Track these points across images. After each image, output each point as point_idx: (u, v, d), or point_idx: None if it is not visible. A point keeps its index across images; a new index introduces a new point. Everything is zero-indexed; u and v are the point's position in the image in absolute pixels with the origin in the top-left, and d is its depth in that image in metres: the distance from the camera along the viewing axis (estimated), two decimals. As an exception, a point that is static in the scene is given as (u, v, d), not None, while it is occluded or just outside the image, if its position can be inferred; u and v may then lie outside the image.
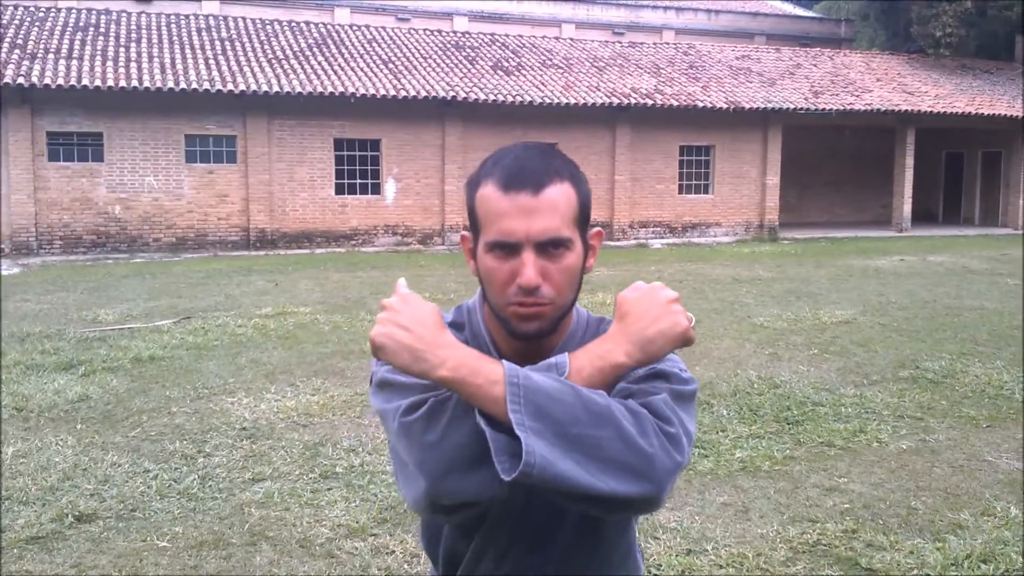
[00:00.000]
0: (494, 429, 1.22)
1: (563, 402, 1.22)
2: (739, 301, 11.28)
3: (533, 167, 1.34)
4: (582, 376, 1.29)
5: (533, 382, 1.22)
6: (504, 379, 1.22)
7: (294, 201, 19.72)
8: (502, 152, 1.39)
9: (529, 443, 1.18)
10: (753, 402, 6.29)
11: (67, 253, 18.09)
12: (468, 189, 1.41)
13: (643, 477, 1.22)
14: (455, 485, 1.26)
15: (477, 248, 1.38)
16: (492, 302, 1.38)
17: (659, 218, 22.62)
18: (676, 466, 1.25)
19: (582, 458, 1.20)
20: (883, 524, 4.19)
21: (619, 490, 1.21)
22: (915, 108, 23.48)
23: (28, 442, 5.39)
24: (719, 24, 33.92)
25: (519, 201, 1.31)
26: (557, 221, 1.33)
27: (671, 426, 1.27)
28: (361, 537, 4.05)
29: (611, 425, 1.22)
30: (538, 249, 1.32)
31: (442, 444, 1.26)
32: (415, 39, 23.66)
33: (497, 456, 1.21)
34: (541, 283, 1.32)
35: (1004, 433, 5.64)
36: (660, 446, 1.24)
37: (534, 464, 1.18)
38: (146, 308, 10.74)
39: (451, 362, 1.24)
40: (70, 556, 3.86)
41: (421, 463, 1.27)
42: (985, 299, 11.40)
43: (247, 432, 5.63)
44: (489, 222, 1.34)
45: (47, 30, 19.80)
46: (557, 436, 1.20)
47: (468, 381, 1.23)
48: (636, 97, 21.52)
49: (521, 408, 1.20)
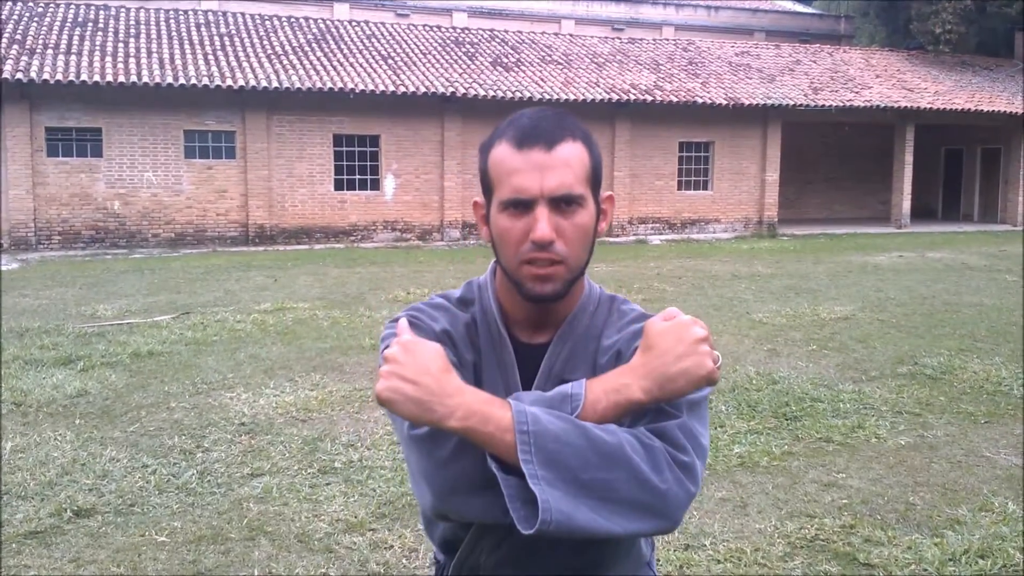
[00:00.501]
0: (506, 473, 1.22)
1: (573, 445, 1.21)
2: (738, 297, 11.28)
3: (546, 125, 1.35)
4: (596, 409, 1.27)
5: (542, 427, 1.21)
6: (514, 427, 1.21)
7: (293, 197, 19.71)
8: (515, 115, 1.40)
9: (545, 497, 1.18)
10: (752, 398, 6.30)
11: (66, 248, 18.08)
12: (481, 153, 1.41)
13: (658, 514, 1.23)
14: (460, 506, 1.27)
15: (490, 211, 1.38)
16: (505, 263, 1.37)
17: (658, 214, 22.62)
18: (690, 496, 1.25)
19: (596, 503, 1.20)
20: (881, 519, 4.19)
21: (633, 529, 1.23)
22: (914, 105, 23.48)
23: (27, 437, 5.39)
24: (719, 20, 33.88)
25: (532, 157, 1.32)
26: (571, 177, 1.33)
27: (686, 455, 1.26)
28: (359, 532, 4.05)
29: (623, 466, 1.22)
30: (552, 205, 1.32)
31: (450, 466, 1.26)
32: (414, 35, 23.63)
33: (512, 503, 1.21)
34: (555, 238, 1.32)
35: (1002, 429, 5.65)
36: (674, 479, 1.24)
37: (551, 520, 1.18)
38: (145, 303, 10.74)
39: (460, 411, 1.23)
40: (69, 551, 3.86)
41: (428, 480, 1.28)
42: (984, 295, 11.41)
43: (246, 427, 5.63)
44: (503, 180, 1.34)
45: (46, 25, 19.77)
46: (569, 483, 1.20)
47: (479, 430, 1.22)
48: (635, 93, 21.51)
49: (533, 458, 1.20)
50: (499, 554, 1.42)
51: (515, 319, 1.42)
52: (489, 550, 1.42)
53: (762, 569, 3.69)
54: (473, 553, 1.43)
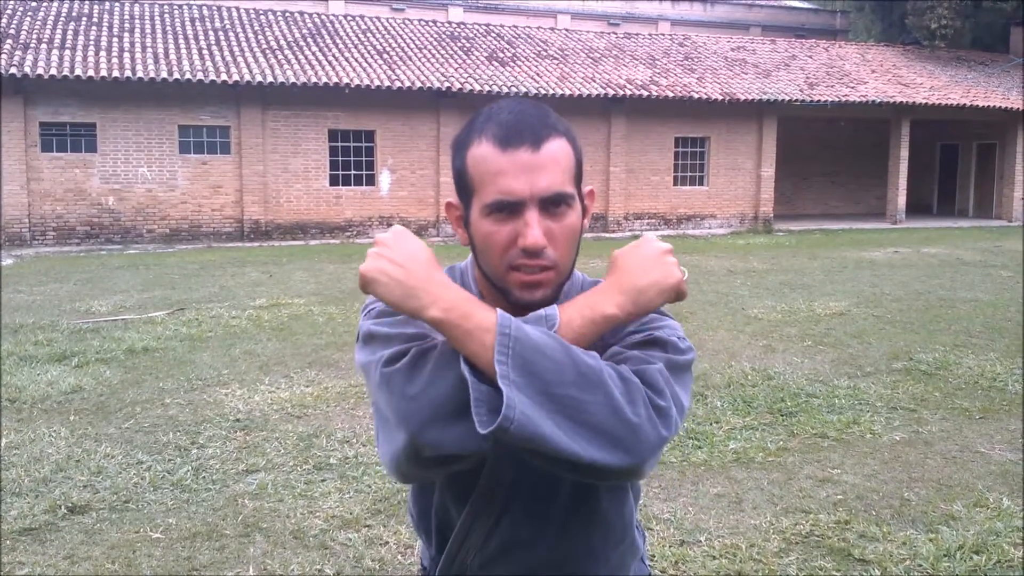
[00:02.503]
0: (478, 380, 1.17)
1: (553, 359, 1.16)
2: (733, 293, 11.29)
3: (530, 121, 1.28)
4: (572, 327, 1.24)
5: (525, 334, 1.17)
6: (496, 327, 1.17)
7: (288, 192, 19.67)
8: (492, 109, 1.32)
9: (511, 397, 1.12)
10: (747, 393, 6.30)
11: (60, 244, 18.03)
12: (456, 151, 1.33)
13: (625, 448, 1.17)
14: (436, 436, 1.19)
15: (470, 214, 1.32)
16: (490, 270, 1.32)
17: (654, 210, 22.61)
18: (661, 440, 1.20)
19: (564, 420, 1.15)
20: (876, 515, 4.20)
21: (598, 458, 1.16)
22: (910, 100, 23.49)
23: (21, 433, 5.37)
24: (715, 15, 33.87)
25: (519, 158, 1.25)
26: (560, 177, 1.27)
27: (662, 398, 1.21)
28: (355, 528, 4.05)
29: (600, 389, 1.17)
30: (541, 207, 1.26)
31: (424, 394, 1.20)
32: (410, 29, 23.58)
33: (476, 407, 1.15)
34: (547, 244, 1.26)
35: (997, 424, 5.66)
36: (648, 417, 1.19)
37: (512, 419, 1.12)
38: (140, 299, 10.72)
39: (443, 302, 1.19)
40: (63, 547, 3.85)
41: (402, 413, 1.21)
42: (979, 291, 11.43)
43: (241, 423, 5.62)
44: (486, 182, 1.27)
45: (40, 20, 19.69)
46: (541, 394, 1.15)
47: (459, 324, 1.18)
48: (631, 88, 21.49)
49: (508, 360, 1.15)
50: (488, 549, 1.39)
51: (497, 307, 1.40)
52: (478, 547, 1.39)
53: (757, 565, 3.70)
54: (462, 550, 1.40)
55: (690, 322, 9.06)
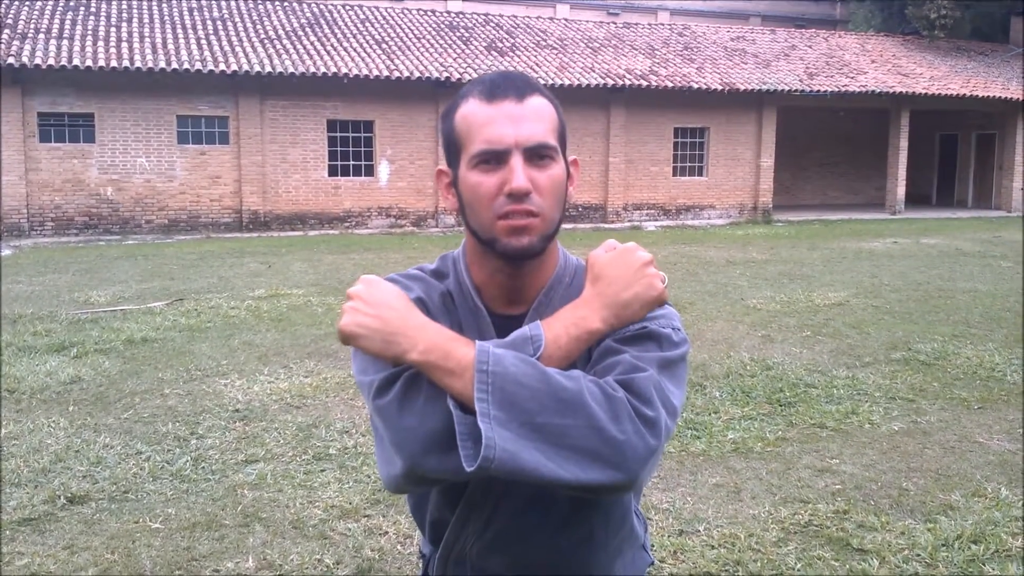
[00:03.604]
0: (463, 413, 1.20)
1: (532, 388, 1.19)
2: (732, 283, 11.29)
3: (514, 78, 1.35)
4: (559, 346, 1.27)
5: (503, 368, 1.20)
6: (474, 365, 1.20)
7: (287, 183, 19.64)
8: (477, 78, 1.39)
9: (490, 435, 1.16)
10: (746, 384, 6.31)
11: (59, 235, 18.01)
12: (445, 119, 1.39)
13: (614, 465, 1.19)
14: (434, 465, 1.24)
15: (459, 173, 1.36)
16: (478, 223, 1.34)
17: (653, 200, 22.59)
18: (650, 451, 1.21)
19: (548, 448, 1.18)
20: (874, 505, 4.20)
21: (585, 479, 1.19)
22: (910, 90, 23.45)
23: (20, 424, 5.37)
24: (714, 5, 33.78)
25: (504, 108, 1.31)
26: (542, 128, 1.32)
27: (650, 408, 1.22)
28: (354, 518, 4.05)
29: (580, 412, 1.19)
30: (526, 156, 1.31)
31: (419, 427, 1.24)
32: (409, 19, 23.51)
33: (462, 442, 1.19)
34: (531, 188, 1.30)
35: (995, 415, 5.67)
36: (634, 431, 1.20)
37: (493, 458, 1.16)
38: (138, 290, 10.71)
39: (422, 344, 1.23)
40: (62, 538, 3.85)
41: (398, 444, 1.25)
42: (978, 281, 11.43)
43: (240, 414, 5.62)
44: (473, 134, 1.32)
45: (37, 9, 19.63)
46: (523, 425, 1.18)
47: (439, 364, 1.22)
48: (631, 78, 21.44)
49: (488, 397, 1.18)
50: (485, 539, 1.40)
51: (489, 293, 1.40)
52: (476, 535, 1.41)
53: (756, 554, 3.70)
54: (459, 540, 1.42)
55: (689, 312, 9.06)
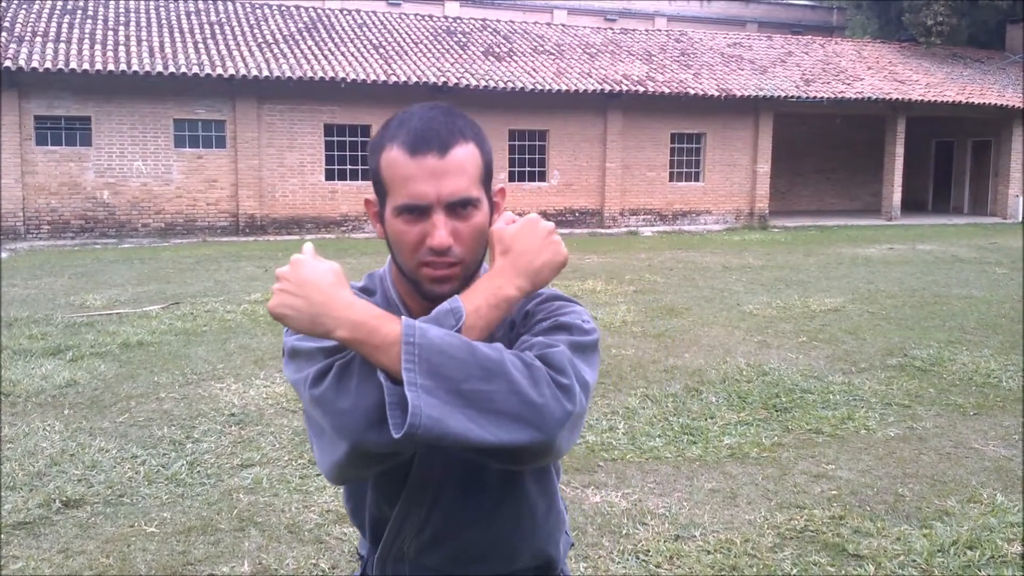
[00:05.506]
0: (393, 384, 1.24)
1: (457, 358, 1.23)
2: (729, 289, 11.30)
3: (438, 128, 1.36)
4: (480, 315, 1.32)
5: (428, 340, 1.24)
6: (401, 338, 1.24)
7: (284, 187, 19.63)
8: (404, 115, 1.40)
9: (416, 402, 1.20)
10: (742, 389, 6.31)
11: (55, 238, 17.98)
12: (371, 153, 1.41)
13: (535, 426, 1.24)
14: (375, 440, 1.26)
15: (385, 212, 1.39)
16: (403, 265, 1.40)
17: (649, 206, 22.61)
18: (567, 415, 1.26)
19: (473, 412, 1.22)
20: (870, 511, 4.21)
21: (507, 439, 1.23)
22: (906, 97, 23.51)
23: (15, 427, 5.36)
24: (711, 11, 33.86)
25: (426, 164, 1.33)
26: (465, 181, 1.35)
27: (565, 377, 1.28)
28: (350, 523, 4.04)
29: (502, 378, 1.24)
30: (448, 210, 1.34)
31: (356, 407, 1.27)
32: (406, 24, 23.53)
33: (391, 411, 1.22)
34: (452, 244, 1.35)
35: (991, 421, 5.67)
36: (552, 396, 1.26)
37: (419, 424, 1.19)
38: (134, 293, 10.69)
39: (348, 322, 1.26)
40: (57, 541, 3.84)
41: (338, 426, 1.28)
42: (973, 287, 11.45)
43: (236, 418, 5.61)
44: (397, 186, 1.35)
45: (35, 12, 19.61)
46: (449, 392, 1.22)
47: (366, 340, 1.25)
48: (628, 84, 21.47)
49: (415, 367, 1.22)
50: (424, 536, 1.47)
51: (415, 309, 1.44)
52: (415, 532, 1.47)
53: (752, 560, 3.70)
54: (399, 537, 1.48)
55: (685, 318, 9.07)
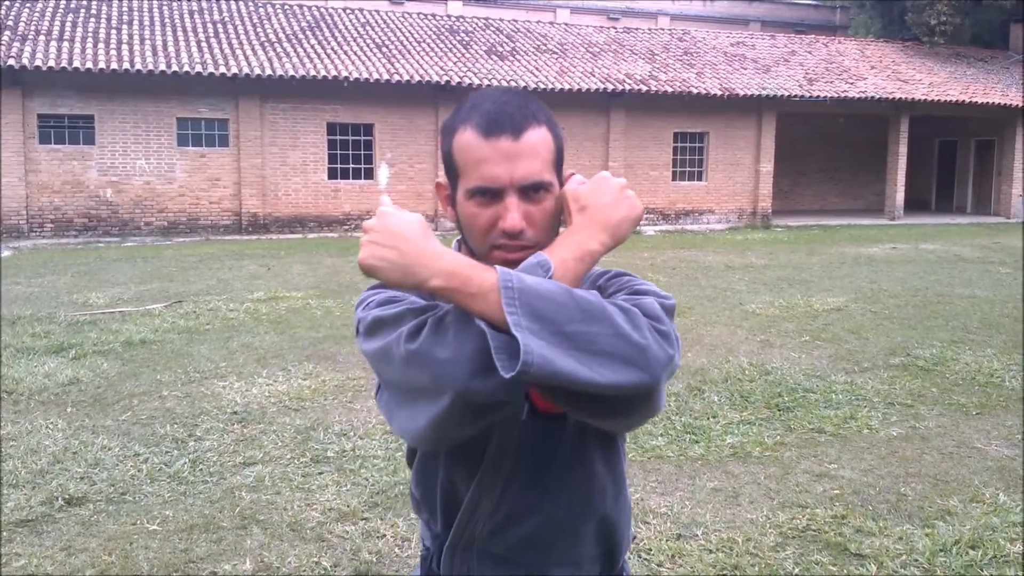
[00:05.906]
0: (494, 330, 1.23)
1: (557, 302, 1.23)
2: (731, 288, 11.29)
3: (512, 111, 1.36)
4: (567, 268, 1.31)
5: (527, 284, 1.23)
6: (499, 284, 1.23)
7: (287, 185, 19.64)
8: (478, 97, 1.40)
9: (527, 341, 1.19)
10: (744, 388, 6.31)
11: (58, 236, 18.01)
12: (444, 135, 1.41)
13: (639, 366, 1.23)
14: (479, 386, 1.24)
15: (456, 195, 1.40)
16: (474, 248, 1.40)
17: (652, 205, 22.60)
18: (669, 358, 1.27)
19: (579, 353, 1.21)
20: (872, 510, 4.20)
21: (615, 380, 1.22)
22: (909, 96, 23.48)
23: (18, 425, 5.37)
24: (714, 10, 33.83)
25: (500, 146, 1.33)
26: (538, 165, 1.36)
27: (662, 324, 1.29)
28: (352, 521, 4.05)
29: (605, 321, 1.24)
30: (521, 193, 1.35)
31: (458, 354, 1.25)
32: (409, 23, 23.53)
33: (497, 355, 1.21)
34: (525, 227, 1.35)
35: (994, 420, 5.67)
36: (654, 339, 1.26)
37: (532, 362, 1.18)
38: (137, 292, 10.70)
39: (442, 272, 1.25)
40: (60, 539, 3.85)
41: (442, 376, 1.25)
42: (976, 287, 11.43)
43: (238, 416, 5.62)
44: (470, 168, 1.35)
45: (38, 11, 19.63)
46: (554, 334, 1.21)
47: (461, 288, 1.24)
48: (630, 83, 21.46)
49: (517, 310, 1.21)
50: (496, 520, 1.44)
51: None
52: (488, 513, 1.44)
53: (754, 559, 3.70)
54: (473, 518, 1.45)
55: (688, 317, 9.07)
